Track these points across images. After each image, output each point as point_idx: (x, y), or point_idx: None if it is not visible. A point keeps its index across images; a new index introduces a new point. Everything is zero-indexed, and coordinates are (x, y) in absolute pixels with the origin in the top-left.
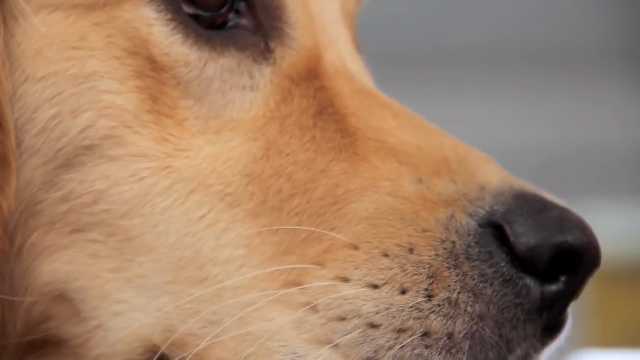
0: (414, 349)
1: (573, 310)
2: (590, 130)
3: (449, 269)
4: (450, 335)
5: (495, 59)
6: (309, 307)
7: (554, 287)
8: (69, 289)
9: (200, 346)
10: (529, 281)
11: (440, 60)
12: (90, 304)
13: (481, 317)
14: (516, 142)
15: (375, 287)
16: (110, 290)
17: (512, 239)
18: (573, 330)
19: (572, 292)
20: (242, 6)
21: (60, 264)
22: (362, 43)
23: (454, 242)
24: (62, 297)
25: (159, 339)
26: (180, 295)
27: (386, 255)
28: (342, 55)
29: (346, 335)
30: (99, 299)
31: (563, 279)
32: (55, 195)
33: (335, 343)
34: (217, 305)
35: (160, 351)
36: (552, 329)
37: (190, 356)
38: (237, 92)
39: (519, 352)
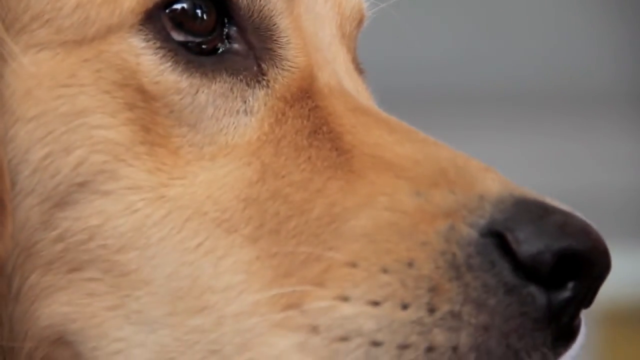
0: None
1: (585, 318)
2: (602, 172)
3: (450, 280)
4: (454, 349)
5: (506, 100)
6: (310, 328)
7: (560, 294)
8: (67, 331)
9: None
10: (534, 289)
11: (447, 101)
12: (89, 344)
13: (486, 328)
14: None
15: (376, 304)
16: (108, 328)
17: (514, 246)
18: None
19: (581, 298)
20: (232, 30)
21: (57, 306)
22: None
23: (454, 253)
24: (61, 340)
25: None
26: (178, 327)
27: (385, 271)
28: (337, 74)
29: (349, 355)
30: (97, 339)
31: (570, 285)
32: (51, 235)
33: None
34: (217, 333)
35: None
36: (564, 337)
37: None
38: (231, 117)
39: None
